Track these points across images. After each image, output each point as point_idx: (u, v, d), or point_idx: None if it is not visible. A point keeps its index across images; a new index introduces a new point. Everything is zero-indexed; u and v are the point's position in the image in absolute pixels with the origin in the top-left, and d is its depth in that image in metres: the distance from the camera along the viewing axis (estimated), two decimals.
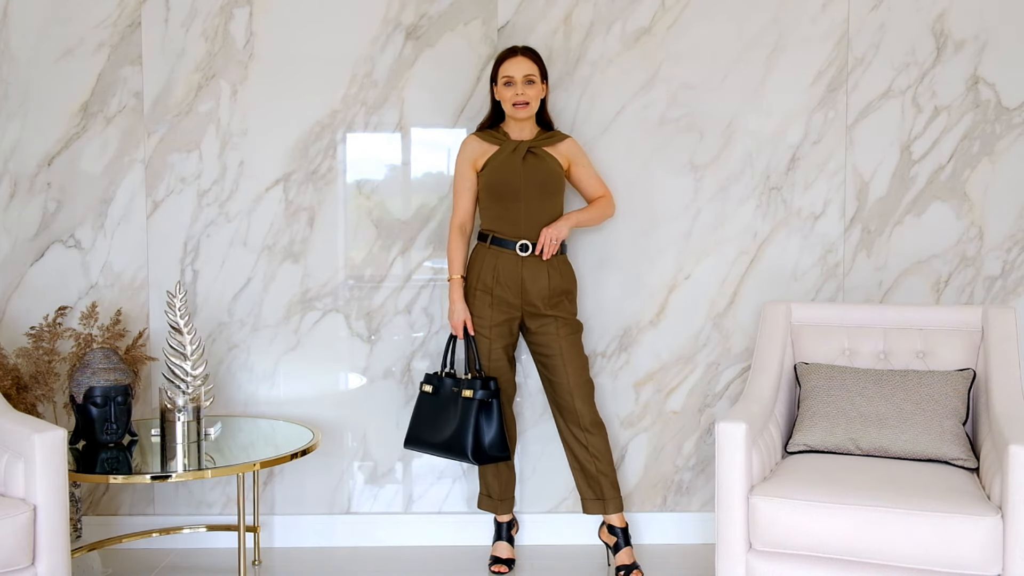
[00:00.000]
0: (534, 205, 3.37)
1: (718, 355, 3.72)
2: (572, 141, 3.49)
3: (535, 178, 3.36)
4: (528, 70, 3.34)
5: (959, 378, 3.10)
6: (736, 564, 2.79)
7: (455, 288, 3.41)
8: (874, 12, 3.61)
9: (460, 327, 3.40)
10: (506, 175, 3.36)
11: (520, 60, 3.35)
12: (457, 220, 3.44)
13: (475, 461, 3.34)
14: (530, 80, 3.34)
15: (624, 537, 3.44)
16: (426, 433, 3.42)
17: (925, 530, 2.60)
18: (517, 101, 3.34)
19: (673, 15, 3.63)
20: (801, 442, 3.10)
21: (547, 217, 3.38)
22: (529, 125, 3.43)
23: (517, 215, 3.37)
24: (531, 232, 3.37)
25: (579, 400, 3.40)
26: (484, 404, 3.35)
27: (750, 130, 3.65)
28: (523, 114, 3.36)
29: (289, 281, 3.71)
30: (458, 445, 3.33)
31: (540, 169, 3.37)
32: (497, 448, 3.36)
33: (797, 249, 3.68)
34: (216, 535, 3.70)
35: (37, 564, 2.73)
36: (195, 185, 3.67)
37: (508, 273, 3.36)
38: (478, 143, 3.43)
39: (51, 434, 2.76)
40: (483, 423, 3.35)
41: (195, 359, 3.32)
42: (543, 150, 3.41)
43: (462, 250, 3.43)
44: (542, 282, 3.36)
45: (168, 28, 3.63)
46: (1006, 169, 3.63)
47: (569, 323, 3.42)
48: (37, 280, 3.68)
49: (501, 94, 3.38)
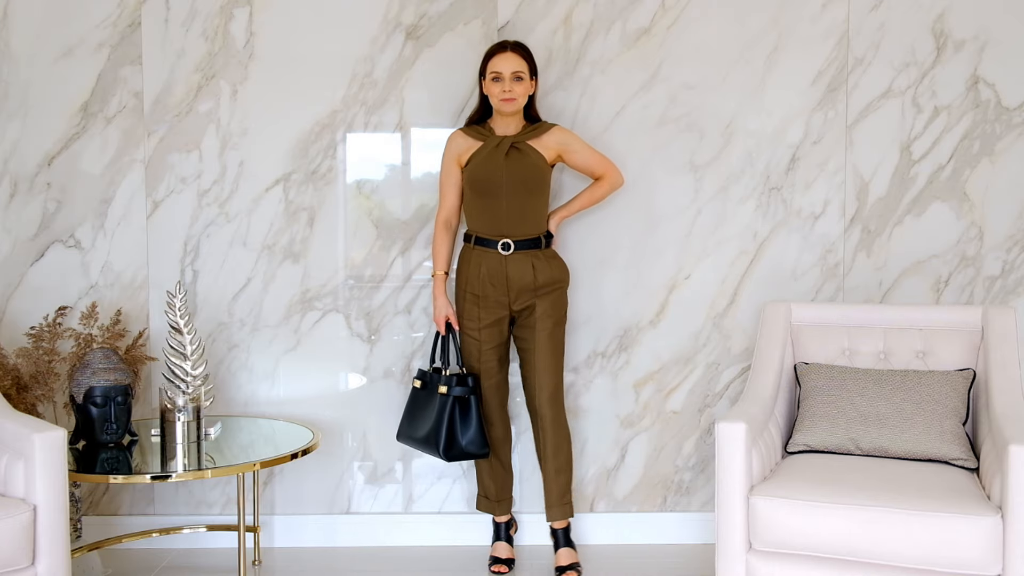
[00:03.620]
0: (515, 202, 3.34)
1: (718, 355, 3.72)
2: (559, 129, 3.43)
3: (518, 175, 3.33)
4: (517, 66, 3.31)
5: (959, 378, 3.10)
6: (736, 564, 2.79)
7: (438, 284, 3.43)
8: (874, 12, 3.61)
9: (443, 322, 3.43)
10: (488, 171, 3.34)
11: (509, 56, 3.32)
12: (442, 216, 3.46)
13: (445, 457, 3.35)
14: (518, 77, 3.31)
15: (564, 538, 3.46)
16: (411, 427, 3.46)
17: (925, 530, 2.60)
18: (504, 97, 3.30)
19: (673, 15, 3.63)
20: (801, 442, 3.10)
21: (530, 214, 3.37)
22: (516, 120, 3.39)
23: (499, 212, 3.35)
24: (513, 229, 3.35)
25: (543, 398, 3.38)
26: (460, 400, 3.36)
27: (750, 130, 3.65)
28: (509, 108, 3.33)
29: (289, 281, 3.70)
30: (432, 440, 3.36)
31: (523, 165, 3.34)
32: (476, 445, 3.36)
33: (797, 249, 3.68)
34: (216, 535, 3.70)
35: (37, 564, 2.73)
36: (195, 185, 3.67)
37: (494, 273, 3.36)
38: (463, 138, 3.42)
39: (51, 434, 2.75)
40: (458, 419, 3.35)
41: (195, 359, 3.32)
42: (527, 144, 3.36)
43: (447, 245, 3.46)
44: (527, 277, 3.35)
45: (168, 28, 3.63)
46: (1006, 169, 3.63)
47: (552, 316, 3.39)
48: (37, 280, 3.68)
49: (489, 89, 3.35)
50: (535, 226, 3.40)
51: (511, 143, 3.35)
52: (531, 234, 3.38)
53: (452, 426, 3.35)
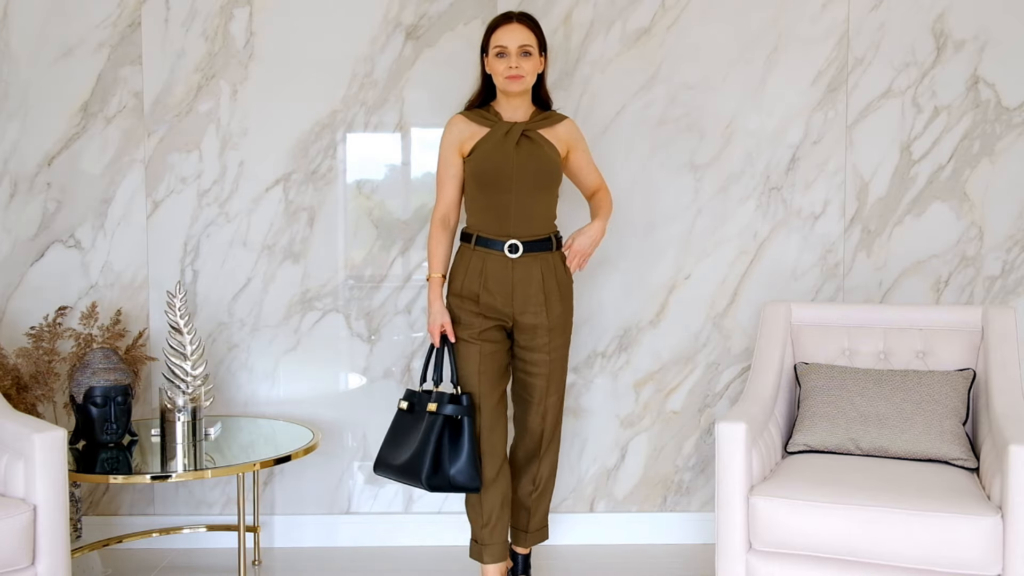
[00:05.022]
0: (526, 199, 2.96)
1: (718, 355, 3.72)
2: (571, 123, 3.11)
3: (529, 167, 2.95)
4: (524, 39, 2.92)
5: (959, 378, 3.10)
6: (736, 564, 2.79)
7: (433, 288, 3.03)
8: (874, 12, 3.61)
9: (437, 332, 3.02)
10: (497, 162, 2.95)
11: (515, 28, 2.93)
12: (440, 212, 3.07)
13: (428, 487, 2.92)
14: (526, 51, 2.92)
15: (524, 565, 3.27)
16: (391, 454, 3.03)
17: (925, 530, 2.60)
18: (511, 74, 2.92)
19: (673, 15, 3.63)
20: (801, 442, 3.10)
21: (540, 213, 3.01)
22: (524, 104, 3.02)
23: (506, 209, 2.96)
24: (521, 230, 2.97)
25: (548, 428, 3.12)
26: (451, 421, 2.94)
27: (750, 130, 3.65)
28: (516, 87, 2.93)
29: (289, 281, 3.70)
30: (415, 465, 2.91)
31: (536, 157, 2.96)
32: (465, 475, 2.93)
33: (797, 249, 3.68)
34: (216, 535, 3.70)
35: (37, 564, 2.73)
36: (195, 185, 3.67)
37: (497, 278, 2.98)
38: (465, 124, 3.03)
39: (51, 434, 2.75)
40: (447, 443, 2.93)
41: (195, 359, 3.32)
42: (539, 134, 2.99)
43: (444, 245, 3.05)
44: (536, 284, 2.99)
45: (168, 28, 3.63)
46: (1006, 169, 3.63)
47: (563, 333, 3.08)
48: (37, 280, 3.68)
49: (492, 66, 2.96)
50: (544, 225, 3.05)
51: (522, 131, 2.97)
52: (540, 234, 3.02)
53: (439, 450, 2.92)
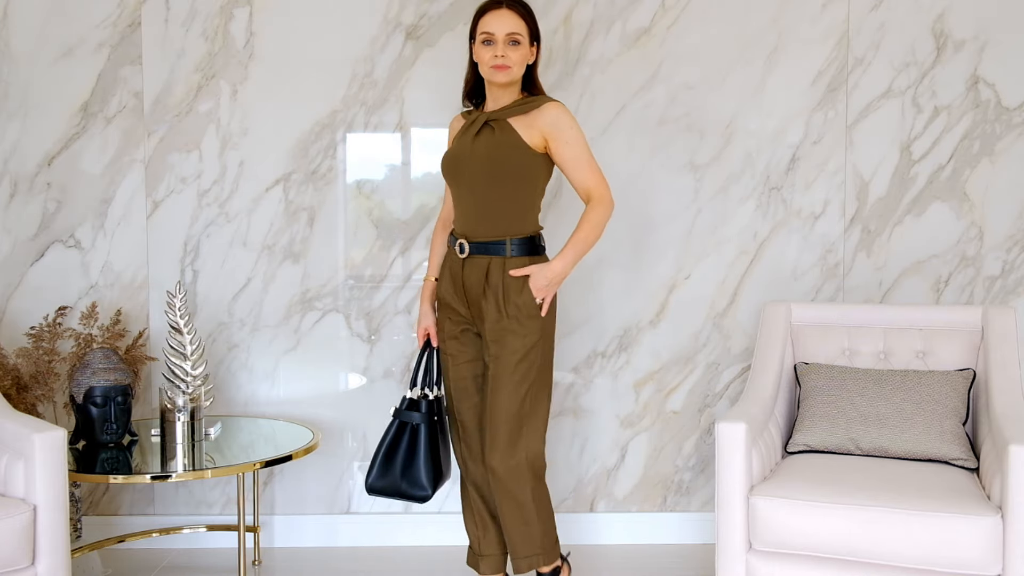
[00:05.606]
0: (480, 193, 2.75)
1: (718, 355, 3.72)
2: (554, 108, 2.76)
3: (481, 158, 2.73)
4: (513, 27, 2.70)
5: (959, 378, 3.10)
6: (736, 564, 2.79)
7: (424, 290, 3.00)
8: (874, 12, 3.61)
9: (421, 335, 2.98)
10: (452, 153, 2.83)
11: (504, 14, 2.71)
12: (443, 213, 3.05)
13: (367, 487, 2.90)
14: (515, 40, 2.71)
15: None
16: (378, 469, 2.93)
17: (925, 530, 2.60)
18: (496, 64, 2.71)
19: (673, 15, 3.63)
20: (801, 442, 3.10)
21: (501, 209, 2.77)
22: (509, 95, 2.80)
23: (466, 205, 2.81)
24: (472, 227, 2.78)
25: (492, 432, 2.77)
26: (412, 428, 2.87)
27: (750, 130, 3.65)
28: (501, 78, 2.72)
29: (289, 281, 3.70)
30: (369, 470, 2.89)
31: (490, 146, 2.73)
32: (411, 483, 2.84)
33: (797, 249, 3.68)
34: (216, 535, 3.70)
35: (37, 564, 2.72)
36: (195, 185, 3.67)
37: (455, 277, 2.86)
38: (458, 122, 2.95)
39: (51, 434, 2.75)
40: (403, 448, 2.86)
41: (195, 359, 3.32)
42: (506, 122, 2.75)
43: (442, 247, 3.01)
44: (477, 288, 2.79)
45: (168, 28, 3.63)
46: (1006, 169, 3.63)
47: (503, 347, 2.76)
48: (37, 280, 3.68)
49: (479, 54, 2.77)
50: (506, 225, 2.78)
51: (486, 119, 2.78)
52: (490, 236, 2.78)
53: (392, 455, 2.84)
